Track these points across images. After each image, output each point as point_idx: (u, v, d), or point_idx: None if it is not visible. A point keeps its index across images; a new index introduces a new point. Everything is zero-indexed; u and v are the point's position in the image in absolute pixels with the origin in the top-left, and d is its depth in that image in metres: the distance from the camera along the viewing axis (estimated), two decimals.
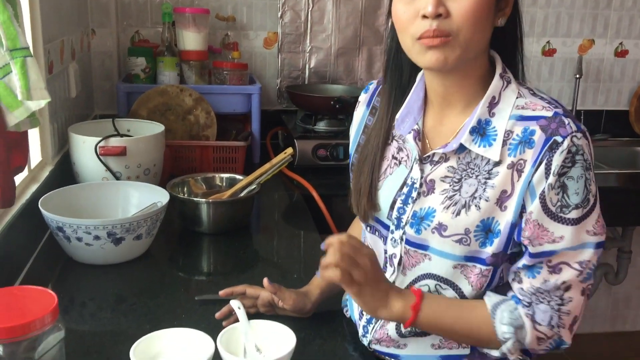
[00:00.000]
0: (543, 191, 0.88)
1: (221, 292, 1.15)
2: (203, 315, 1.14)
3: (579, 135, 0.88)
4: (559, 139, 0.87)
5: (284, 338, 1.01)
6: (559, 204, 0.88)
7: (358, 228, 1.23)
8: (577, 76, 2.47)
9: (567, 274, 0.90)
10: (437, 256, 0.95)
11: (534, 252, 0.90)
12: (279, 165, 1.59)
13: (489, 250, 0.92)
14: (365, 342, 1.08)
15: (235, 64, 2.12)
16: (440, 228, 0.94)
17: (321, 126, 2.18)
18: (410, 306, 0.92)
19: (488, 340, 0.95)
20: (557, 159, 0.87)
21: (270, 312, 1.14)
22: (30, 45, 1.42)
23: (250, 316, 1.05)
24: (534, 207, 0.89)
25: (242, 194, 1.58)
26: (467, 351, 1.00)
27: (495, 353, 0.97)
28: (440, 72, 0.95)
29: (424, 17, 0.88)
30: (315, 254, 1.48)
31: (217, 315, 1.11)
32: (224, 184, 1.70)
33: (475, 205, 0.92)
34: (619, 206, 2.13)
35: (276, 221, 1.75)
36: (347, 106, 2.05)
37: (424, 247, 0.97)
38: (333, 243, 0.87)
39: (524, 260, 0.92)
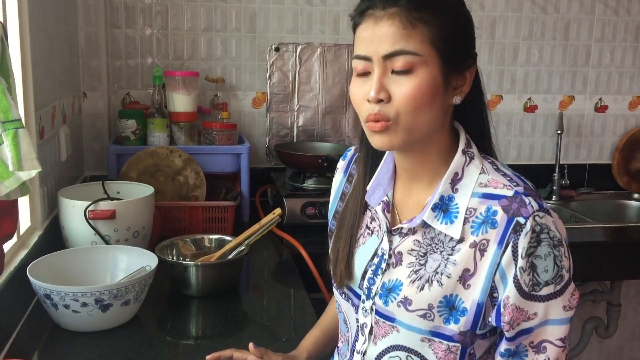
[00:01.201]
0: (515, 275, 0.88)
1: (208, 357, 1.14)
2: None
3: (541, 214, 0.88)
4: (521, 220, 0.87)
5: None
6: (530, 283, 0.88)
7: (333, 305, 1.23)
8: (559, 131, 2.53)
9: (553, 353, 0.90)
10: (404, 329, 0.95)
11: (513, 334, 0.90)
12: (267, 226, 1.60)
13: (454, 328, 0.92)
14: None
15: (224, 124, 2.15)
16: (406, 302, 0.94)
17: (310, 184, 2.21)
18: None
19: None
20: (523, 241, 0.87)
21: None
22: (22, 113, 1.46)
23: None
24: (509, 292, 0.89)
25: (230, 256, 1.59)
26: None
27: None
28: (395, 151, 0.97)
29: (368, 101, 0.90)
30: (304, 313, 1.48)
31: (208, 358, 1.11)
32: (212, 245, 1.71)
33: (437, 281, 0.92)
34: (606, 260, 2.14)
35: (265, 280, 1.75)
36: (334, 164, 2.06)
37: (391, 319, 0.96)
38: None
39: (503, 347, 0.92)
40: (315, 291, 1.75)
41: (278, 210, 1.61)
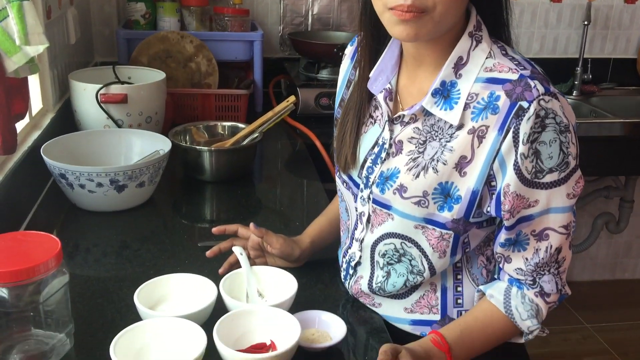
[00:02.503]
0: (516, 161, 0.85)
1: (214, 229, 1.14)
2: (206, 261, 1.16)
3: (547, 97, 0.83)
4: (524, 104, 0.83)
5: (285, 283, 1.02)
6: (533, 170, 0.85)
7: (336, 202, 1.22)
8: (586, 23, 2.42)
9: (556, 240, 0.89)
10: (399, 216, 0.94)
11: (513, 222, 0.89)
12: (281, 113, 1.58)
13: (447, 215, 0.91)
14: (349, 292, 1.09)
15: (236, 9, 2.08)
16: (401, 189, 0.93)
17: (324, 74, 2.15)
18: None
19: (514, 336, 0.96)
20: (525, 127, 0.83)
21: (259, 257, 1.13)
22: None
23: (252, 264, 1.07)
24: (509, 179, 0.86)
25: (244, 142, 1.58)
26: (437, 317, 1.01)
27: (521, 340, 0.96)
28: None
29: None
30: (317, 202, 1.49)
31: (208, 253, 1.12)
32: (226, 133, 1.69)
33: (433, 168, 0.90)
34: (622, 155, 2.12)
35: (279, 170, 1.75)
36: None
37: (387, 206, 0.96)
38: None
39: (503, 237, 0.91)
40: (329, 181, 1.74)
41: (292, 98, 1.57)
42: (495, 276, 0.99)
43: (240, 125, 1.68)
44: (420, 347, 0.88)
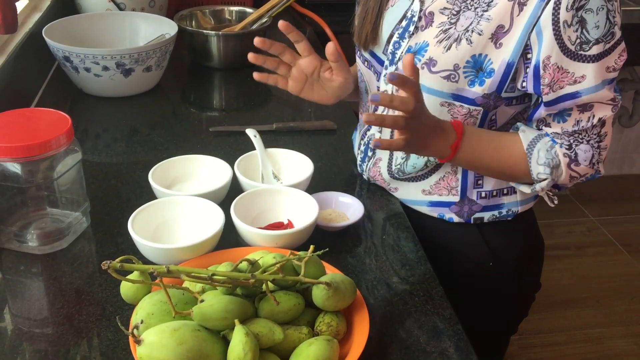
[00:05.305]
0: (558, 30, 0.80)
1: (256, 42, 0.95)
2: (218, 145, 1.14)
3: None
4: None
5: (300, 165, 1.01)
6: (578, 40, 0.80)
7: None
8: None
9: (602, 111, 0.85)
10: (426, 93, 0.89)
11: (554, 97, 0.84)
12: None
13: (478, 90, 0.87)
14: (364, 177, 1.07)
15: None
16: (430, 63, 0.88)
17: None
18: (450, 146, 0.86)
19: (522, 177, 0.93)
20: None
21: (297, 89, 0.99)
22: None
23: (267, 142, 1.04)
24: (550, 50, 0.81)
25: (253, 27, 1.52)
26: (456, 198, 0.99)
27: (526, 190, 0.94)
28: None
29: None
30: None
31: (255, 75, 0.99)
32: (233, 18, 1.63)
33: (467, 39, 0.85)
34: None
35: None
36: None
37: None
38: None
39: (542, 112, 0.87)
40: None
41: None
42: None
43: (248, 10, 1.61)
44: (435, 117, 0.85)
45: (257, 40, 0.94)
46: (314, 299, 0.69)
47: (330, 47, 0.93)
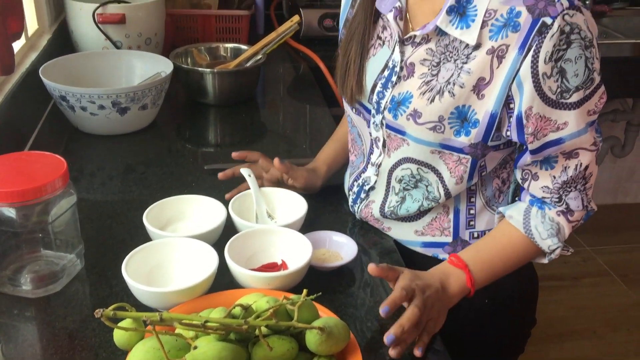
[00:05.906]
0: (538, 82, 0.81)
1: (234, 154, 1.11)
2: (213, 184, 1.14)
3: (572, 12, 0.78)
4: (547, 20, 0.78)
5: (295, 204, 1.01)
6: (558, 90, 0.81)
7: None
8: None
9: (586, 158, 0.87)
10: (414, 142, 0.91)
11: (538, 145, 0.85)
12: (285, 34, 1.53)
13: (464, 140, 0.88)
14: (357, 217, 1.08)
15: None
16: (415, 115, 0.89)
17: None
18: (465, 284, 0.88)
19: (537, 256, 0.94)
20: (548, 44, 0.78)
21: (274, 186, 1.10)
22: None
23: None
24: (531, 100, 0.82)
25: (247, 64, 1.54)
26: (449, 239, 1.00)
27: (544, 261, 0.94)
28: None
29: None
30: (323, 126, 1.46)
31: (220, 175, 1.09)
32: (228, 55, 1.65)
33: (449, 92, 0.86)
34: (631, 77, 2.07)
35: (282, 94, 1.71)
36: None
37: (401, 132, 0.92)
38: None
39: (528, 159, 0.88)
40: (334, 105, 1.71)
41: (296, 18, 1.52)
42: (517, 198, 0.97)
43: (243, 47, 1.63)
44: (435, 269, 0.88)
45: (234, 155, 1.11)
46: (308, 344, 0.69)
47: (276, 162, 1.04)
